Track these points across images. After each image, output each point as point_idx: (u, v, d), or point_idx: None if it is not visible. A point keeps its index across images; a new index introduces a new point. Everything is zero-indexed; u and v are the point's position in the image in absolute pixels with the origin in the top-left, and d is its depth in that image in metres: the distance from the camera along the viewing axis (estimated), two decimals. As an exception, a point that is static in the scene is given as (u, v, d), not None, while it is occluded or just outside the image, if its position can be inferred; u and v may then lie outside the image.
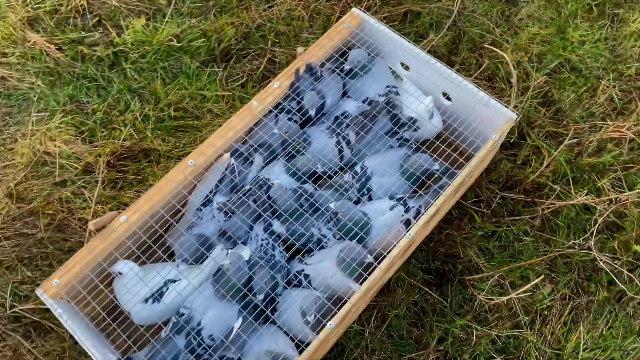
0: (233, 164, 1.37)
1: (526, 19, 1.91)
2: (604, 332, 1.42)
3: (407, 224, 1.33)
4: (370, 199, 1.42)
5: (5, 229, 1.60)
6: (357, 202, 1.41)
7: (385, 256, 1.25)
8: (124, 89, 1.80)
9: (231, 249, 1.31)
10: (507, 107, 1.42)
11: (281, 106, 1.47)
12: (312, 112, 1.47)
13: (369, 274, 1.23)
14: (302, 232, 1.33)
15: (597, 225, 1.51)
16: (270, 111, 1.46)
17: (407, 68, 1.60)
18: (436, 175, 1.40)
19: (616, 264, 1.48)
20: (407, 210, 1.34)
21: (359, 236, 1.32)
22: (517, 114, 1.41)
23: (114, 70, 1.85)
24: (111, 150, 1.68)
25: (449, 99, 1.55)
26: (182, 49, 1.86)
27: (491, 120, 1.44)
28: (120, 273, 1.23)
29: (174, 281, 1.27)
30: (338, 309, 1.20)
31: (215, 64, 1.86)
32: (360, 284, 1.23)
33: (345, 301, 1.21)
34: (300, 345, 1.18)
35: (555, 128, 1.68)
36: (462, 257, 1.51)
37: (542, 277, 1.46)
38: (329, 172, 1.42)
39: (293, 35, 1.90)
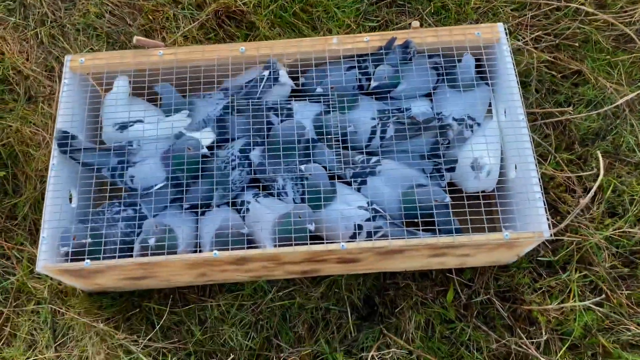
0: (264, 76, 1.35)
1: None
2: None
3: (359, 229, 1.22)
4: (358, 190, 1.32)
5: (117, 8, 1.79)
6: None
7: (300, 243, 1.18)
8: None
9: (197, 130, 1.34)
10: (549, 221, 1.17)
11: (355, 60, 1.39)
12: (372, 84, 1.36)
13: (281, 244, 1.18)
14: (270, 175, 1.29)
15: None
16: (340, 58, 1.38)
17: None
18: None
19: None
20: (369, 220, 1.23)
21: (313, 203, 1.25)
22: (551, 236, 1.17)
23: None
24: (226, 5, 1.74)
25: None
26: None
27: (525, 213, 1.21)
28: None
29: (141, 122, 1.34)
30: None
31: (367, -5, 1.78)
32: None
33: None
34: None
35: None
36: (402, 317, 1.36)
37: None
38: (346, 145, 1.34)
39: (454, 17, 1.72)
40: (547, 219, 1.18)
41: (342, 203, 1.26)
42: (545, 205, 1.19)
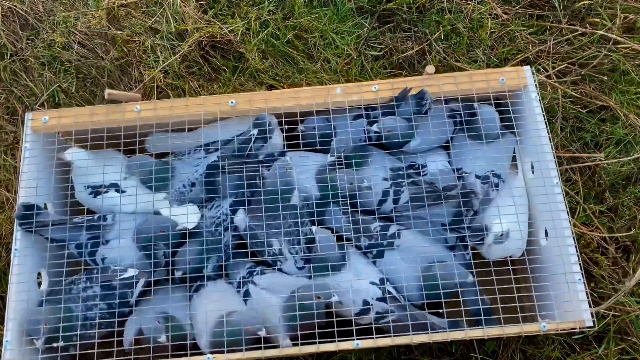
0: (254, 135, 1.17)
1: None
2: None
3: (364, 309, 1.07)
4: (373, 263, 1.16)
5: (87, 38, 1.58)
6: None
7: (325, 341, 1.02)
8: (272, -17, 1.62)
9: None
10: (590, 308, 1.03)
11: (359, 113, 1.21)
12: (374, 128, 1.20)
13: (302, 336, 1.03)
14: (262, 240, 1.12)
15: None
16: (345, 109, 1.20)
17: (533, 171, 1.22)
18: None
19: None
20: (380, 300, 1.08)
21: (319, 276, 1.10)
22: (593, 322, 1.02)
23: (279, -41, 1.66)
24: (211, 34, 1.54)
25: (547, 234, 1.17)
26: (349, -18, 1.61)
27: (564, 299, 1.07)
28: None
29: (117, 189, 1.17)
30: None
31: (369, 17, 1.59)
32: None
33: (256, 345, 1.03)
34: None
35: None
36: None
37: None
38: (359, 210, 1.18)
39: (467, 43, 1.55)
40: (589, 305, 1.03)
41: (354, 273, 1.11)
42: (586, 288, 1.04)
